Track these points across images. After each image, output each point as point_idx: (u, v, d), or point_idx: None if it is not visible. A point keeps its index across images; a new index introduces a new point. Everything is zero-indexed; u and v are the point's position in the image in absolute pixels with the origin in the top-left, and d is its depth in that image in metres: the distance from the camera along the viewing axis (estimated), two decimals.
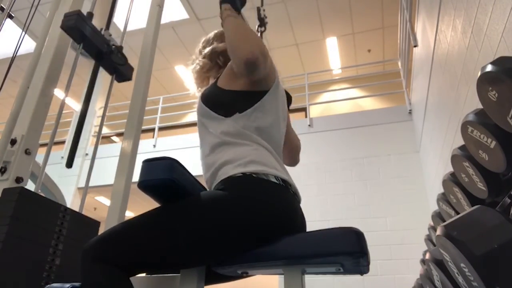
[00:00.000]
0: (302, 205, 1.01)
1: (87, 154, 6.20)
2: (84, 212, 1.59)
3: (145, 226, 0.87)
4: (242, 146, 0.97)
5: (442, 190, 1.85)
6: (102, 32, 1.79)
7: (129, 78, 1.94)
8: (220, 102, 1.05)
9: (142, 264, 0.86)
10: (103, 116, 1.99)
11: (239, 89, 1.04)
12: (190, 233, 0.84)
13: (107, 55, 1.77)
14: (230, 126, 1.00)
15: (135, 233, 0.86)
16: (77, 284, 0.96)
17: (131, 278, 0.84)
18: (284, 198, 0.92)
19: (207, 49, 1.24)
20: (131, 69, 1.96)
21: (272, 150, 1.01)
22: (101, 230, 1.56)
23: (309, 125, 5.23)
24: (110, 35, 1.84)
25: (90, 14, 1.71)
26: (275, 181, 0.92)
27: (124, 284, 0.82)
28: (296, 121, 5.28)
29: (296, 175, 1.33)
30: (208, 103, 1.06)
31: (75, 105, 7.81)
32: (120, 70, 1.89)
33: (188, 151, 5.56)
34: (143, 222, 0.88)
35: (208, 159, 1.01)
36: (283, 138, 1.14)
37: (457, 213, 1.70)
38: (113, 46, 1.81)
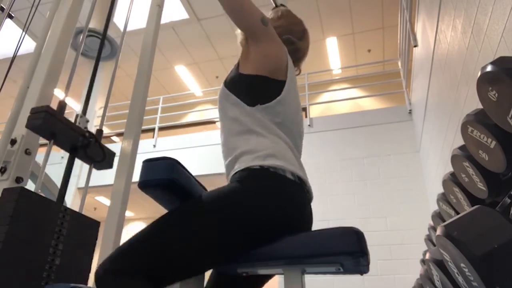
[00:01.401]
0: None
1: None
2: (84, 212, 1.59)
3: (161, 234, 0.85)
4: (263, 138, 0.97)
5: (442, 190, 1.85)
6: (78, 120, 1.65)
7: (109, 167, 1.75)
8: (242, 88, 1.05)
9: (164, 273, 0.82)
10: (103, 116, 1.99)
11: (254, 72, 1.04)
12: (207, 233, 0.84)
13: (83, 149, 1.62)
14: (252, 115, 1.00)
15: (152, 242, 0.84)
16: (78, 285, 0.96)
17: None
18: (296, 196, 0.93)
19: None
20: (112, 155, 1.77)
21: (291, 145, 1.02)
22: (101, 230, 1.56)
23: (309, 125, 5.23)
24: (87, 121, 1.71)
25: (62, 104, 1.57)
26: (291, 177, 0.92)
27: None
28: None
29: None
30: (230, 88, 1.07)
31: (75, 105, 7.82)
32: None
33: (188, 151, 5.56)
34: (158, 231, 0.86)
35: (229, 142, 1.01)
36: (302, 133, 1.14)
37: (457, 213, 1.70)
38: (90, 138, 1.64)
